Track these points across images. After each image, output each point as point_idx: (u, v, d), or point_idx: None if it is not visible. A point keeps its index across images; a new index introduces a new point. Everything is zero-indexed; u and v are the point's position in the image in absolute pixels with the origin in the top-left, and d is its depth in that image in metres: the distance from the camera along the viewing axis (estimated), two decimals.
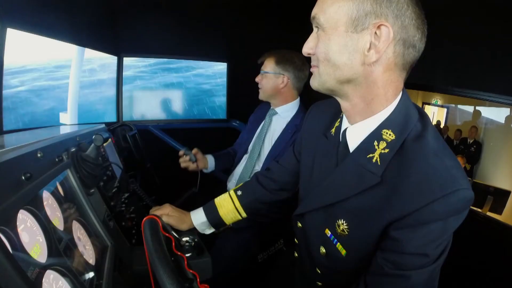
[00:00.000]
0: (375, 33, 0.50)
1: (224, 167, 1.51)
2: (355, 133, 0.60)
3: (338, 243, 0.62)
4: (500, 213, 1.56)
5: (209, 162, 1.43)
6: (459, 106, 1.94)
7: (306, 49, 0.58)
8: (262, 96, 1.39)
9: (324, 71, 0.55)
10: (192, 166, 1.36)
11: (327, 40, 0.53)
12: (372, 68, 0.52)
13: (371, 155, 0.55)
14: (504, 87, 1.26)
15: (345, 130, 0.63)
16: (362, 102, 0.56)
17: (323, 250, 0.66)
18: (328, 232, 0.64)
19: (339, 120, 0.67)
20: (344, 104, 0.60)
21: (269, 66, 1.33)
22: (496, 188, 1.63)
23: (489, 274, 1.33)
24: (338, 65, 0.53)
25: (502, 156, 1.70)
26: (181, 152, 1.36)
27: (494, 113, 1.73)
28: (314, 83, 0.59)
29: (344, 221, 0.60)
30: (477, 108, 1.81)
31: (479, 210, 1.62)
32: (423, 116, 0.56)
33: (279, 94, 1.36)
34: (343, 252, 0.61)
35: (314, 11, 0.54)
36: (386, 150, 0.54)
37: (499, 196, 1.60)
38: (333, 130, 0.68)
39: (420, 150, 0.51)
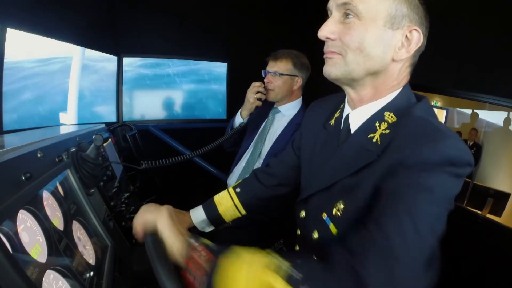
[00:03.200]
0: (406, 35, 0.54)
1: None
2: (358, 116, 0.62)
3: (331, 224, 0.60)
4: (500, 215, 1.56)
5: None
6: (458, 109, 1.94)
7: (327, 32, 0.55)
8: (274, 97, 1.37)
9: (354, 60, 0.55)
10: (259, 97, 1.35)
11: (364, 29, 0.53)
12: (396, 64, 0.56)
13: (372, 134, 0.57)
14: (504, 89, 1.26)
15: (347, 116, 0.64)
16: (373, 91, 0.59)
17: (315, 235, 0.65)
18: (324, 216, 0.63)
19: (339, 111, 0.69)
20: (353, 94, 0.61)
21: (285, 67, 1.34)
22: (496, 191, 1.63)
23: (489, 276, 1.33)
24: (372, 56, 0.54)
25: (502, 158, 1.70)
26: (259, 84, 1.34)
27: (493, 116, 1.73)
28: (336, 72, 0.57)
29: (342, 202, 0.59)
30: (476, 111, 1.82)
31: (479, 212, 1.62)
32: (421, 98, 0.60)
33: (290, 94, 1.38)
34: (334, 231, 0.60)
35: None
36: (387, 131, 0.55)
37: (499, 198, 1.60)
38: (332, 121, 0.70)
39: (408, 117, 0.54)
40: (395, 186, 0.47)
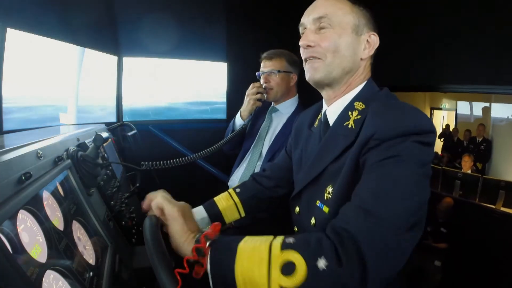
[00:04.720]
0: (367, 40, 0.71)
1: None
2: (334, 110, 0.74)
3: (324, 206, 0.66)
4: None
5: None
6: (463, 106, 1.91)
7: (308, 41, 0.69)
8: (274, 96, 1.39)
9: (333, 61, 0.69)
10: (259, 97, 1.37)
11: (337, 36, 0.68)
12: (362, 61, 0.72)
13: (346, 122, 0.68)
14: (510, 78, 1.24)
15: (325, 112, 0.76)
16: (346, 86, 0.72)
17: (313, 221, 0.69)
18: (318, 202, 0.69)
19: (321, 113, 0.80)
20: (331, 92, 0.74)
21: (280, 65, 1.37)
22: (508, 182, 1.60)
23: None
24: (346, 56, 0.69)
25: None
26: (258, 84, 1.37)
27: (502, 109, 1.70)
28: (319, 74, 0.70)
29: (331, 185, 0.66)
30: (486, 104, 1.77)
31: (493, 206, 1.59)
32: (382, 88, 0.72)
33: (288, 91, 1.40)
34: (326, 210, 0.65)
35: (323, 11, 0.68)
36: (359, 116, 0.67)
37: (511, 190, 1.57)
38: (316, 123, 0.82)
39: (374, 103, 0.65)
40: (371, 160, 0.56)
